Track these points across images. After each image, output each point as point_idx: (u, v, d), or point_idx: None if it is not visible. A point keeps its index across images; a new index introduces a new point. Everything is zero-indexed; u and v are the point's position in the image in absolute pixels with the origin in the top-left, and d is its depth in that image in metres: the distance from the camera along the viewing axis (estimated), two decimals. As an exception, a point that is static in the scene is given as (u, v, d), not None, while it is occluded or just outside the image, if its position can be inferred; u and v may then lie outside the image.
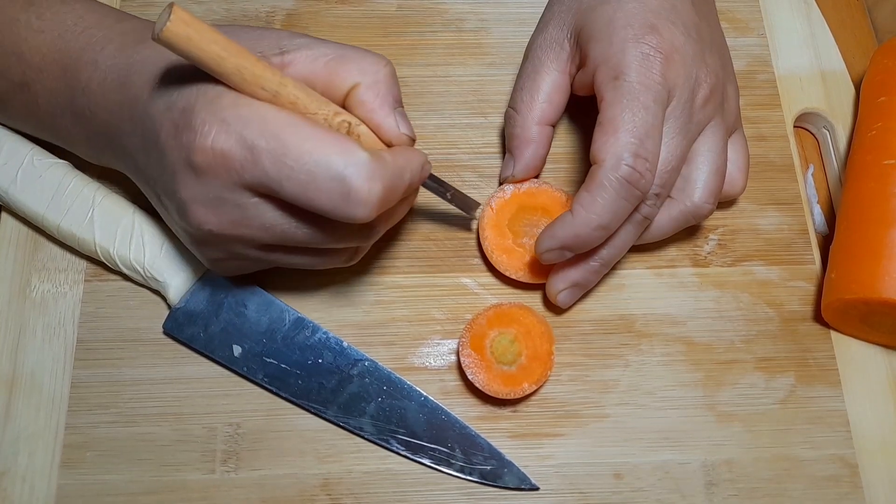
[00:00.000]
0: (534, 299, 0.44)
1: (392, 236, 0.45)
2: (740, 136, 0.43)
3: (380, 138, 0.35)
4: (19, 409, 0.41)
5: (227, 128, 0.31)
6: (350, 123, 0.34)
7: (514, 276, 0.43)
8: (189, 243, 0.37)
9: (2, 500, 0.39)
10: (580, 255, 0.40)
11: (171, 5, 0.29)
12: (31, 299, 0.43)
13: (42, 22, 0.38)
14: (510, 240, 0.43)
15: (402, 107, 0.36)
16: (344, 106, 0.35)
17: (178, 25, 0.29)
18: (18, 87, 0.39)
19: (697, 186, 0.40)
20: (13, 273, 0.43)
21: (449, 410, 0.41)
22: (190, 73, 0.33)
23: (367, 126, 0.35)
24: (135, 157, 0.36)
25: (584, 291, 0.42)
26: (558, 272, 0.41)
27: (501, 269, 0.43)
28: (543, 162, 0.43)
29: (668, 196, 0.40)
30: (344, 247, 0.37)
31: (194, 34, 0.29)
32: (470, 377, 0.40)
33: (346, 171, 0.31)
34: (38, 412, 0.41)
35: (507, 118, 0.43)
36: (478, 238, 0.44)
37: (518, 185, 0.44)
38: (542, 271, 0.43)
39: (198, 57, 0.30)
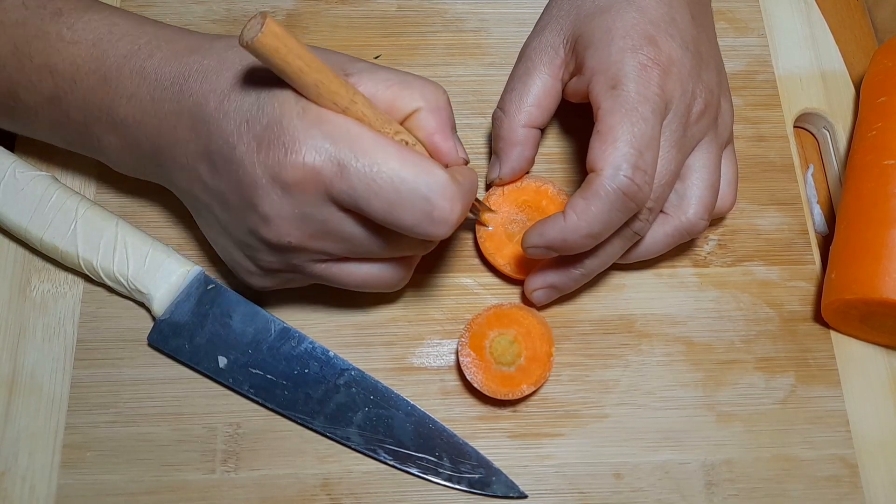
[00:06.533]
0: (534, 299, 0.44)
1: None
2: (731, 153, 0.43)
3: (437, 159, 0.36)
4: (19, 409, 0.41)
5: (316, 144, 0.32)
6: (408, 142, 0.35)
7: (504, 270, 0.43)
8: (245, 255, 0.37)
9: (2, 500, 0.39)
10: (564, 260, 0.40)
11: (264, 15, 0.30)
12: (31, 299, 0.43)
13: (74, 33, 0.37)
14: (504, 234, 0.43)
15: (457, 132, 0.37)
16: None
17: (269, 38, 0.30)
18: (48, 101, 0.38)
19: (692, 202, 0.39)
20: (13, 273, 0.43)
21: (436, 419, 0.41)
22: (263, 84, 0.33)
23: (426, 147, 0.36)
24: (192, 167, 0.36)
25: (562, 294, 0.42)
26: (538, 272, 0.41)
27: (493, 262, 0.43)
28: (530, 164, 0.43)
29: (662, 212, 0.40)
30: (399, 257, 0.38)
31: (282, 47, 0.30)
32: (469, 377, 0.40)
33: (430, 191, 0.32)
34: (38, 412, 0.41)
35: (495, 119, 0.43)
36: (474, 234, 0.44)
37: (519, 181, 0.44)
38: (529, 267, 0.42)
39: (281, 68, 0.31)
